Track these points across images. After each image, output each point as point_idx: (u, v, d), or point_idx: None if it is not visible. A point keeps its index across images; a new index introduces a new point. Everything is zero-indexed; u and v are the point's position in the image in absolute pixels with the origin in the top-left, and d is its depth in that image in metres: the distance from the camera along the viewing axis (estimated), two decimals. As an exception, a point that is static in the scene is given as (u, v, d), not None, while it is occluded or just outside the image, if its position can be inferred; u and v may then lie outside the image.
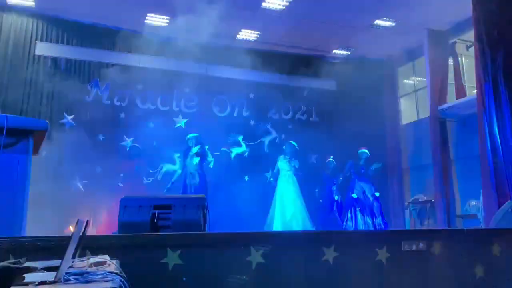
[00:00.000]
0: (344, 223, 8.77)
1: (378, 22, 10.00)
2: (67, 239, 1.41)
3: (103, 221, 8.10)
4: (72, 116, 9.19)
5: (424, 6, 8.87)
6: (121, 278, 1.38)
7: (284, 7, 9.26)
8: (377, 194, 8.81)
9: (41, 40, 9.39)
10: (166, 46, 9.16)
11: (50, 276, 1.26)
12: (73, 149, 8.27)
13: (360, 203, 8.69)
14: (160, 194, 6.97)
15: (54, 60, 9.48)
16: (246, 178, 10.18)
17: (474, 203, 8.89)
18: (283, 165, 8.64)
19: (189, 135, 8.24)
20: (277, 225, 8.11)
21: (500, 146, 7.16)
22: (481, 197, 7.84)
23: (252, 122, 10.78)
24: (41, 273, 1.34)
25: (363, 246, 2.85)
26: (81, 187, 8.89)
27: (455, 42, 10.33)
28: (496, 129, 7.25)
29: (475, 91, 8.49)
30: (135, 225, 2.80)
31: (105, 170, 8.90)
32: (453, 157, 10.03)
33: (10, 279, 1.23)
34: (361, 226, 8.47)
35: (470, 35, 9.15)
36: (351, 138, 9.66)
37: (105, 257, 1.64)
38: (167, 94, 10.19)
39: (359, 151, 9.07)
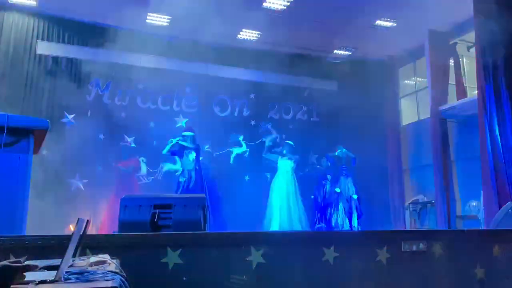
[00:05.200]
0: (317, 223, 8.78)
1: (379, 22, 9.98)
2: (67, 238, 1.41)
3: (103, 221, 8.11)
4: (72, 115, 9.20)
5: (425, 6, 8.85)
6: (121, 277, 1.38)
7: (285, 7, 9.26)
8: (354, 196, 8.78)
9: (42, 39, 9.39)
10: (167, 46, 9.16)
11: (50, 275, 1.26)
12: (74, 148, 8.28)
13: (342, 198, 8.71)
14: (161, 194, 6.98)
15: (55, 59, 9.48)
16: (247, 178, 10.19)
17: (474, 203, 8.89)
18: (283, 164, 8.65)
19: (186, 133, 8.30)
20: (275, 225, 8.12)
21: (500, 147, 7.16)
22: (482, 198, 7.84)
23: (252, 122, 10.78)
24: (41, 272, 1.34)
25: (363, 247, 2.85)
26: (81, 186, 8.90)
27: (456, 43, 10.32)
28: (497, 130, 7.26)
29: (476, 91, 8.49)
30: (136, 225, 2.80)
31: (105, 169, 8.91)
32: (453, 158, 10.02)
33: (10, 278, 1.23)
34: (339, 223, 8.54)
35: (471, 36, 9.15)
36: (352, 139, 9.66)
37: (105, 256, 1.64)
38: (168, 93, 10.20)
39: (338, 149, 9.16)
